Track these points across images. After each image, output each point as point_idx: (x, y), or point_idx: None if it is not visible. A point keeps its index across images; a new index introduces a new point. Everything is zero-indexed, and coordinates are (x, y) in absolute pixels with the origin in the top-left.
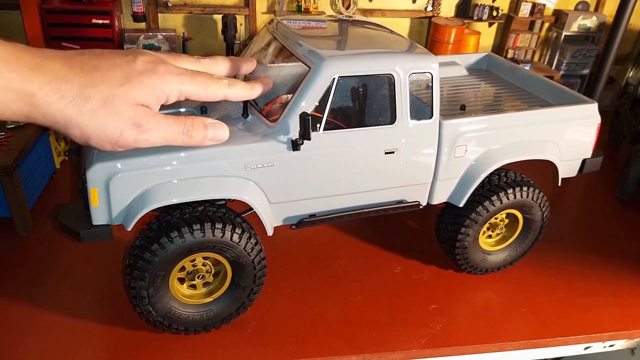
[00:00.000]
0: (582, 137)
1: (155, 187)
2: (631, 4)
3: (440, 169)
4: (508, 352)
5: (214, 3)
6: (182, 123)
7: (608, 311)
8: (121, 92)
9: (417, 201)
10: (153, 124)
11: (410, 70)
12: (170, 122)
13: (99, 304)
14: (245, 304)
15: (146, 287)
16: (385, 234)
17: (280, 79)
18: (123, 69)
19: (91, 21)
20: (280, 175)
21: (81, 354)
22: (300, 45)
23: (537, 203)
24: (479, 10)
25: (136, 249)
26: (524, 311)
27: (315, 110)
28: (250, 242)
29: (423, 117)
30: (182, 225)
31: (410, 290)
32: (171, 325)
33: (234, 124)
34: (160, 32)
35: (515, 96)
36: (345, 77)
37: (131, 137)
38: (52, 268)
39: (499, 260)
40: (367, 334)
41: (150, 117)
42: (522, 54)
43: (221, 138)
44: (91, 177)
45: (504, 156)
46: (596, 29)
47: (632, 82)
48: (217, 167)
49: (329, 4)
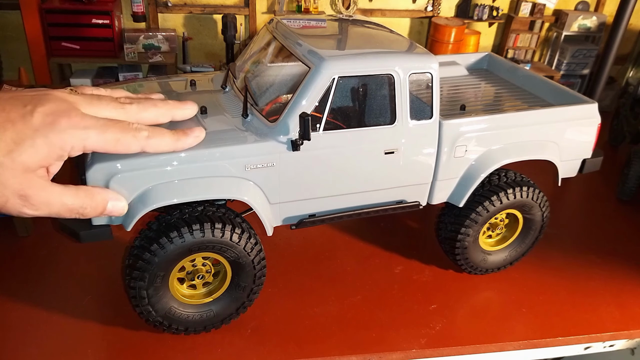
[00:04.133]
0: (582, 137)
1: (155, 188)
2: (631, 4)
3: (440, 169)
4: (508, 352)
5: (214, 3)
6: (80, 199)
7: (608, 311)
8: (8, 160)
9: (417, 201)
10: (42, 198)
11: (410, 71)
12: (65, 198)
13: (99, 304)
14: (245, 304)
15: (146, 287)
16: (385, 234)
17: (280, 79)
18: (16, 128)
19: (91, 21)
20: (280, 175)
21: (81, 354)
22: (300, 45)
23: (537, 203)
24: (479, 10)
25: (136, 249)
26: (524, 311)
27: (315, 110)
28: (250, 242)
29: (423, 117)
30: (182, 226)
31: (410, 290)
32: (171, 325)
33: (234, 124)
34: (160, 32)
35: (516, 96)
36: (345, 77)
37: (16, 208)
38: (52, 268)
39: (499, 260)
40: (367, 334)
41: (39, 189)
42: (522, 53)
43: (118, 213)
44: (91, 177)
45: (504, 156)
46: (596, 29)
47: (632, 82)
48: (217, 167)
49: (329, 4)
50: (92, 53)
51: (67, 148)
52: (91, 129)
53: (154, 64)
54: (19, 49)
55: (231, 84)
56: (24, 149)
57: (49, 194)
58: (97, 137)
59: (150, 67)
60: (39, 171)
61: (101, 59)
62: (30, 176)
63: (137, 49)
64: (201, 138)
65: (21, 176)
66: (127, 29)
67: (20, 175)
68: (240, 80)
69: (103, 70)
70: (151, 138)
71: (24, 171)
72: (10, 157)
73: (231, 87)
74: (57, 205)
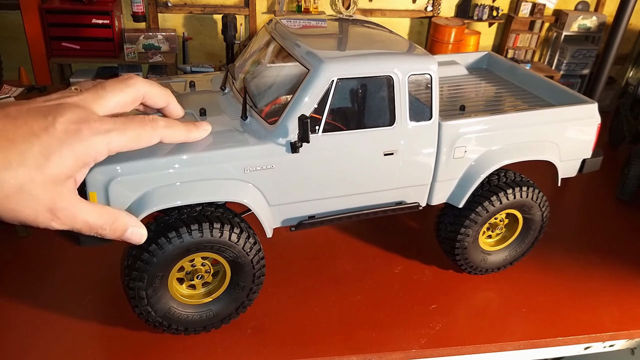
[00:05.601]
0: (582, 137)
1: (155, 191)
2: (631, 4)
3: (439, 170)
4: (508, 352)
5: (214, 3)
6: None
7: (608, 311)
8: (39, 174)
9: (417, 202)
10: (70, 212)
11: (409, 72)
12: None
13: (99, 304)
14: (244, 304)
15: (145, 288)
16: (385, 234)
17: (279, 81)
18: (42, 141)
19: (91, 21)
20: (279, 177)
21: (81, 354)
22: (299, 47)
23: (536, 203)
24: (479, 10)
25: (134, 250)
26: (524, 311)
27: (314, 112)
28: (249, 242)
29: (422, 119)
30: (180, 226)
31: (410, 290)
32: (171, 326)
33: (233, 125)
34: (160, 32)
35: (515, 96)
36: (344, 79)
37: (45, 222)
38: (52, 269)
39: (499, 260)
40: (367, 334)
41: (69, 204)
42: (522, 53)
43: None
44: (90, 180)
45: (503, 157)
46: (596, 29)
47: (632, 82)
48: (217, 169)
49: (329, 4)
50: (92, 53)
51: (93, 155)
52: (112, 131)
53: (154, 64)
54: (19, 49)
55: (230, 85)
56: (53, 162)
57: (77, 210)
58: (119, 137)
59: (150, 67)
60: (68, 183)
61: (101, 59)
62: (60, 189)
63: (137, 49)
64: (208, 131)
65: (52, 190)
66: (127, 29)
67: (51, 189)
68: (239, 81)
69: (103, 70)
70: (168, 128)
71: (55, 184)
72: (40, 172)
73: (230, 88)
74: (80, 221)
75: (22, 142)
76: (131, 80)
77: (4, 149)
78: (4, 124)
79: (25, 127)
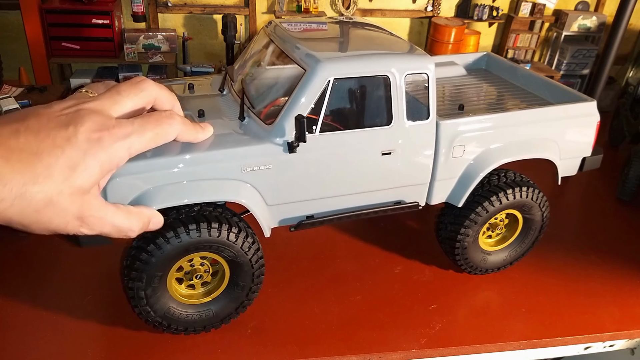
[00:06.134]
0: (582, 135)
1: (153, 191)
2: (631, 4)
3: (438, 169)
4: (508, 352)
5: (214, 3)
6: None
7: (608, 311)
8: (66, 187)
9: (416, 202)
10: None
11: (406, 72)
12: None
13: (99, 304)
14: (244, 304)
15: (144, 288)
16: (385, 234)
17: (277, 82)
18: (66, 153)
19: (91, 21)
20: (277, 177)
21: (81, 354)
22: (297, 48)
23: (536, 203)
24: (479, 10)
25: (133, 250)
26: (524, 311)
27: (311, 112)
28: (248, 241)
29: (420, 118)
30: (178, 225)
31: (410, 290)
32: (170, 326)
33: (231, 126)
34: (160, 32)
35: (514, 95)
36: (341, 79)
37: (75, 229)
38: (52, 269)
39: (499, 260)
40: (367, 334)
41: (96, 211)
42: (522, 54)
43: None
44: None
45: (502, 155)
46: (596, 29)
47: (632, 82)
48: (215, 169)
49: (329, 4)
50: (92, 53)
51: (115, 161)
52: (131, 135)
53: (154, 64)
54: (19, 49)
55: (229, 87)
56: (79, 173)
57: (105, 214)
58: (139, 140)
59: (150, 67)
60: (93, 190)
61: (101, 59)
62: (87, 198)
63: (137, 49)
64: (211, 132)
65: (79, 200)
66: (127, 29)
67: (79, 198)
68: (238, 83)
69: (103, 70)
70: (183, 124)
71: (82, 194)
72: (67, 184)
73: (229, 90)
74: (108, 225)
75: (47, 155)
76: (144, 84)
77: (30, 164)
78: (27, 139)
79: (48, 140)
